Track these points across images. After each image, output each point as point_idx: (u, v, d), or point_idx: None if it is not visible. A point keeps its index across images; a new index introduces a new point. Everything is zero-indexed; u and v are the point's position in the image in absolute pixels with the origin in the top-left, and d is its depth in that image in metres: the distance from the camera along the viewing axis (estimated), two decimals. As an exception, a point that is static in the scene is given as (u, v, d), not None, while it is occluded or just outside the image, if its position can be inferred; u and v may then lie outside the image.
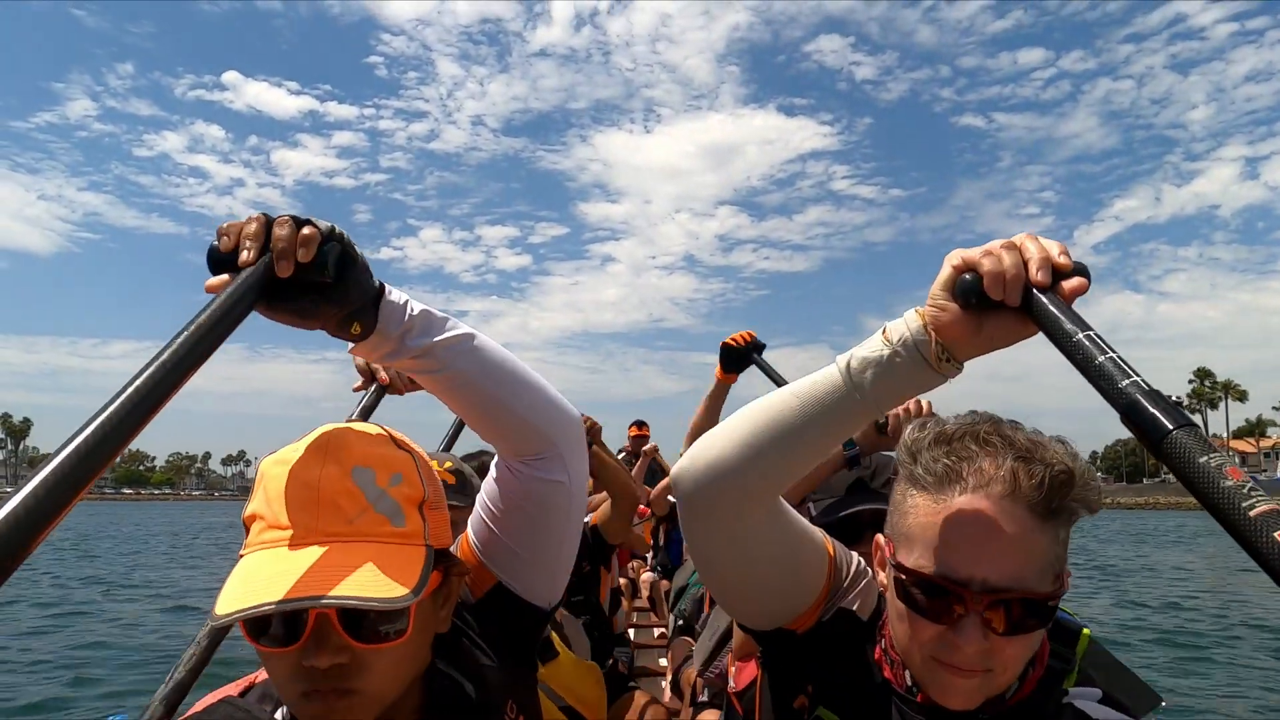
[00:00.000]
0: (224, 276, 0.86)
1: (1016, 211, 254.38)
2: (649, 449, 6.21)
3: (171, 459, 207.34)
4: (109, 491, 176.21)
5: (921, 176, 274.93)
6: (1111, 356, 0.80)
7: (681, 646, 4.07)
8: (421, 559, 0.96)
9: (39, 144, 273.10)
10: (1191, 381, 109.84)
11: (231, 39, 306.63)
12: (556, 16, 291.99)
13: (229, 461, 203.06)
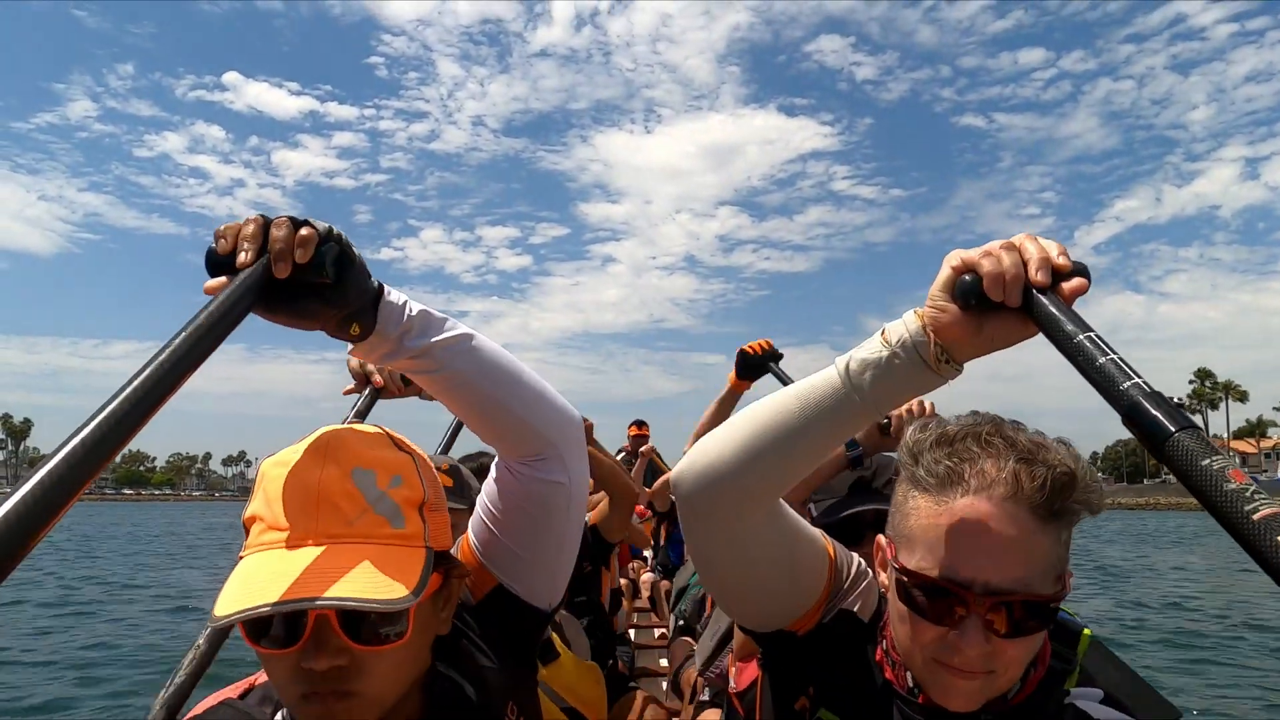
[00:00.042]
0: (222, 279, 0.86)
1: (1017, 212, 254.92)
2: (646, 449, 6.20)
3: (172, 459, 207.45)
4: (109, 492, 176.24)
5: (922, 177, 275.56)
6: (1113, 358, 0.79)
7: (682, 647, 4.06)
8: (421, 561, 0.96)
9: (39, 144, 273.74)
10: (1192, 382, 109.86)
11: (232, 39, 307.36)
12: (557, 17, 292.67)
13: (229, 462, 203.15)
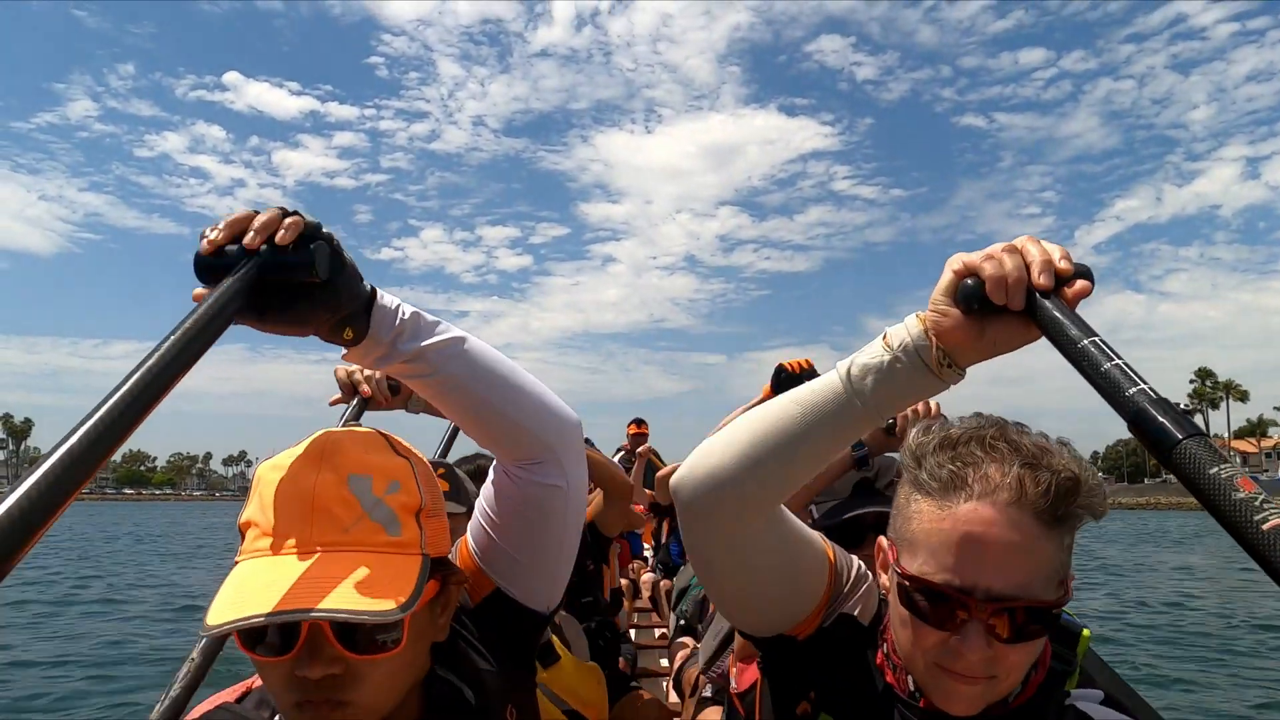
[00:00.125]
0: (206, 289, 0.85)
1: (1017, 211, 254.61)
2: (644, 449, 6.17)
3: (172, 459, 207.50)
4: (110, 492, 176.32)
5: (922, 176, 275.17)
6: (1118, 364, 0.78)
7: (683, 647, 4.06)
8: (417, 568, 0.95)
9: (40, 144, 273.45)
10: (1193, 381, 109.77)
11: (232, 39, 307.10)
12: (557, 17, 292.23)
13: (230, 462, 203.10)
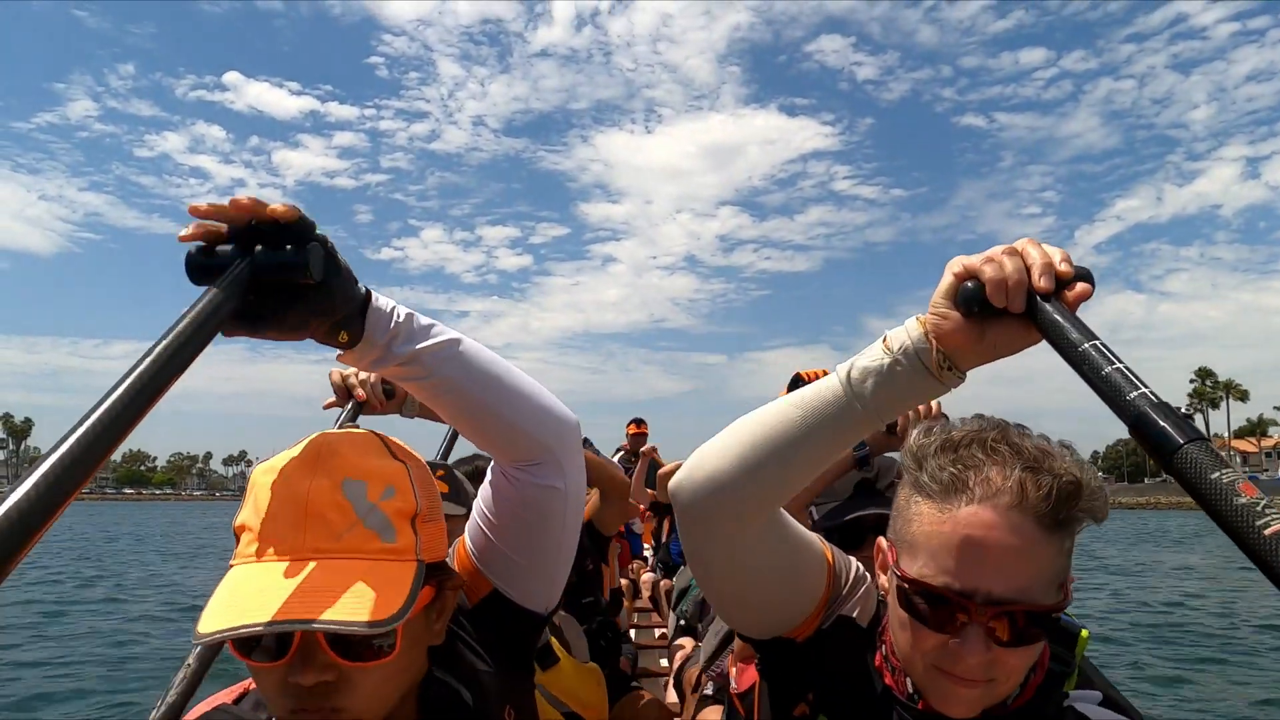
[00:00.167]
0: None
1: (1018, 211, 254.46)
2: (648, 450, 6.15)
3: (173, 459, 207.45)
4: (110, 492, 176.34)
5: (923, 176, 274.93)
6: (1119, 367, 0.78)
7: (681, 648, 4.06)
8: (411, 576, 0.94)
9: (40, 144, 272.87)
10: (1193, 381, 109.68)
11: (232, 39, 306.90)
12: (557, 17, 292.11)
13: (230, 462, 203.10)
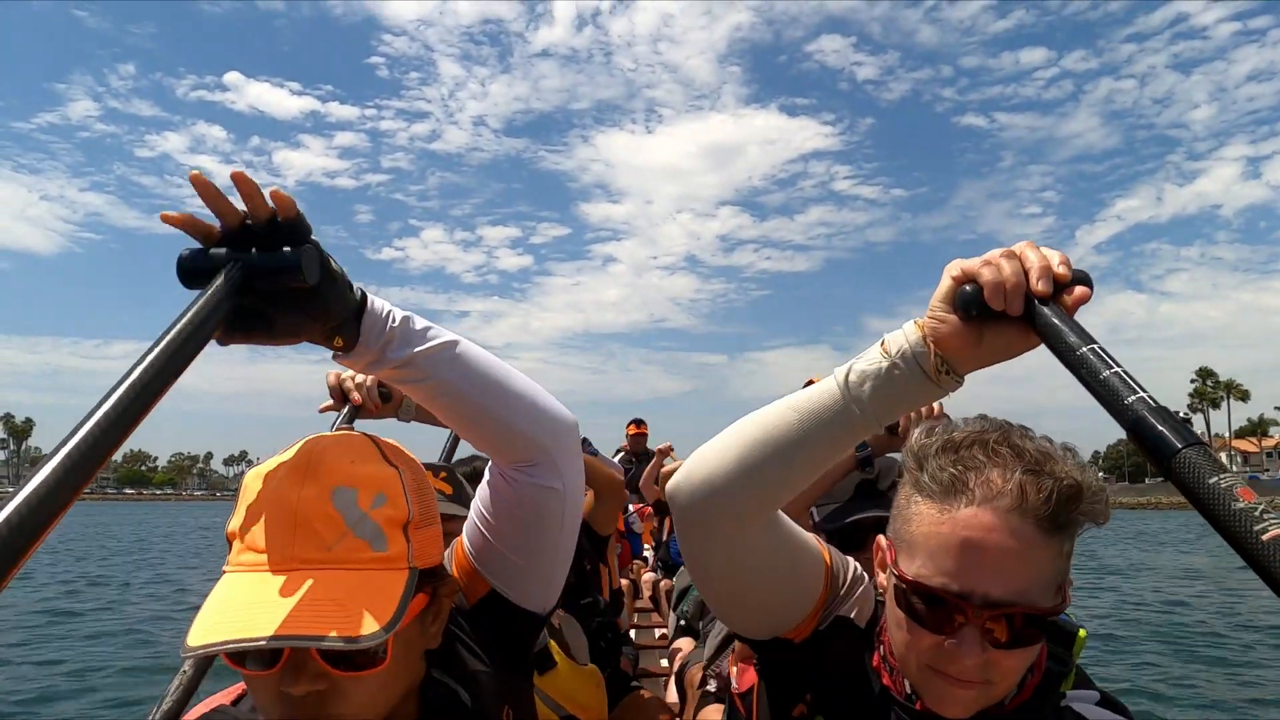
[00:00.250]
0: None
1: (1018, 211, 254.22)
2: (664, 447, 6.08)
3: (173, 459, 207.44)
4: (111, 492, 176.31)
5: (923, 176, 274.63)
6: (1117, 371, 0.78)
7: (683, 648, 4.06)
8: (402, 585, 0.93)
9: (41, 144, 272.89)
10: (1194, 381, 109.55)
11: (233, 39, 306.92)
12: (558, 17, 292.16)
13: (231, 462, 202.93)
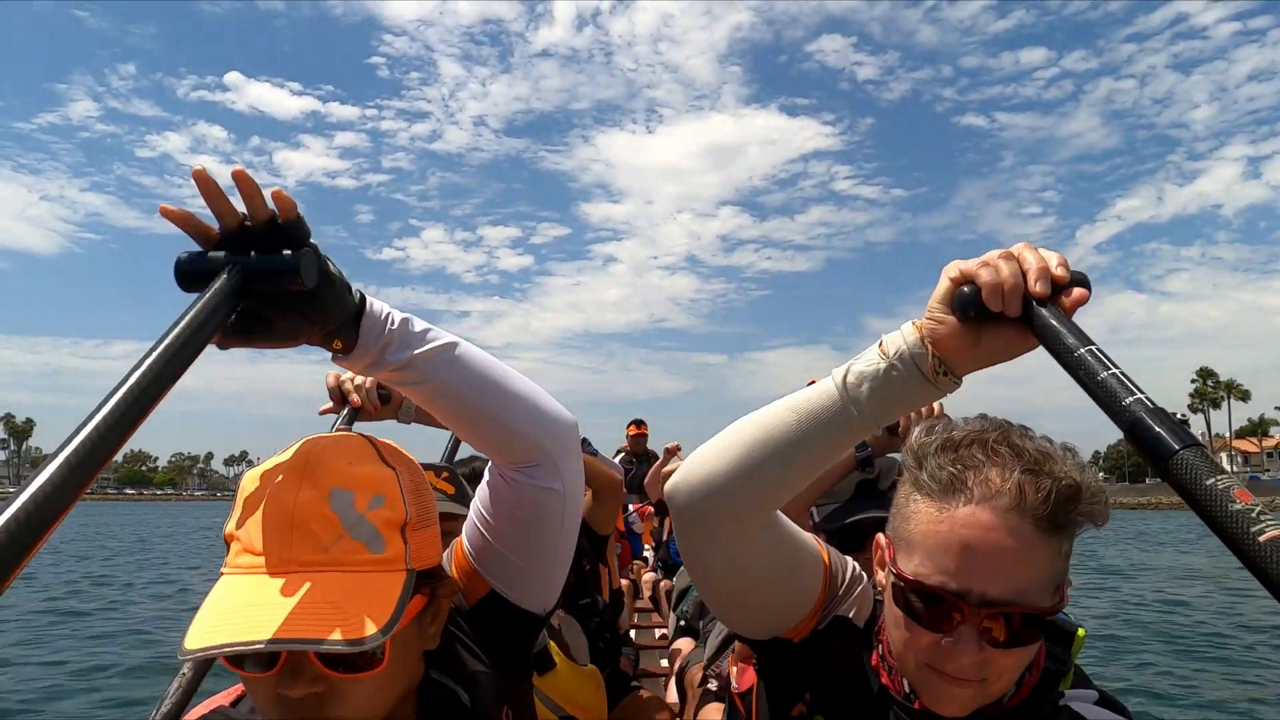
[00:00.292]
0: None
1: (1018, 211, 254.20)
2: (672, 446, 6.10)
3: (174, 459, 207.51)
4: (111, 492, 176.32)
5: (923, 176, 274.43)
6: (1115, 373, 0.78)
7: (683, 648, 4.06)
8: (399, 587, 0.94)
9: (41, 145, 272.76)
10: (1194, 381, 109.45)
11: (233, 40, 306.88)
12: (558, 17, 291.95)
13: (231, 462, 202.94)
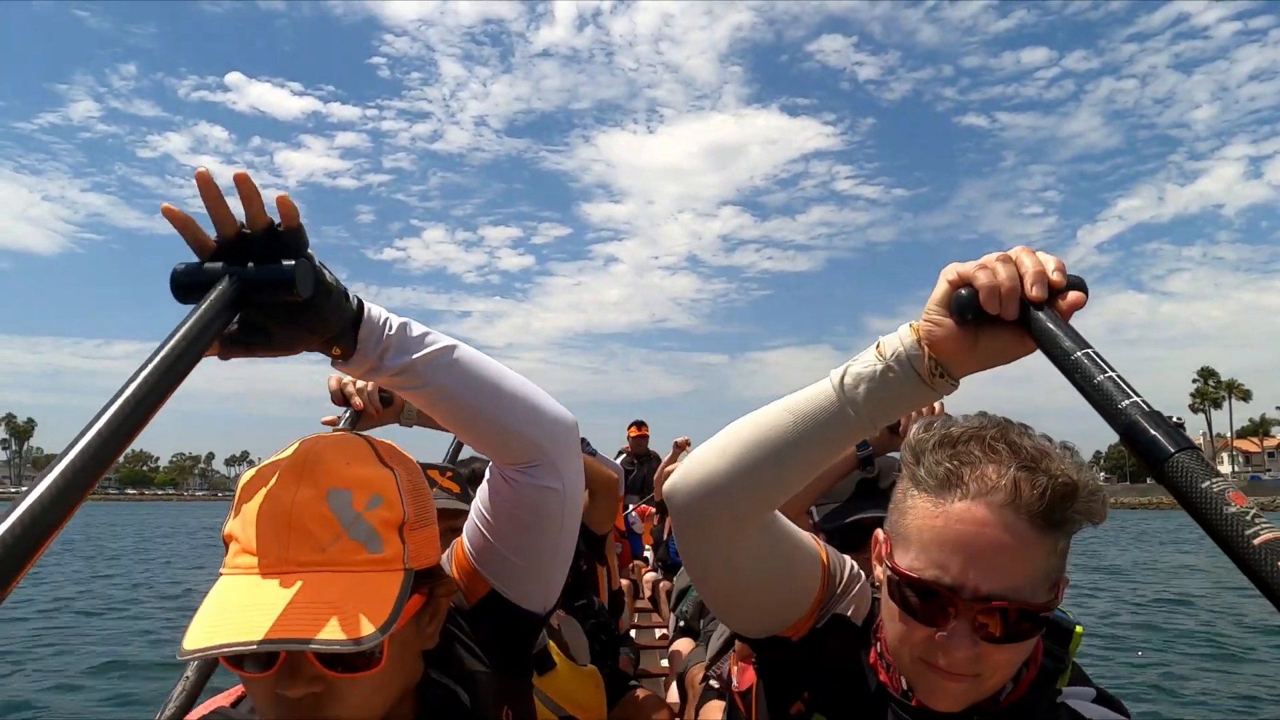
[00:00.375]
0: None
1: (1019, 211, 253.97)
2: (681, 441, 6.11)
3: (175, 459, 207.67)
4: (113, 492, 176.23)
5: (924, 176, 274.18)
6: (1111, 376, 0.79)
7: (683, 648, 4.06)
8: (397, 587, 0.94)
9: (42, 145, 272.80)
10: (1195, 381, 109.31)
11: (234, 40, 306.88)
12: (559, 16, 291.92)
13: (232, 462, 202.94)
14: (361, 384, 1.85)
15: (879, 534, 1.09)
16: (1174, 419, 0.76)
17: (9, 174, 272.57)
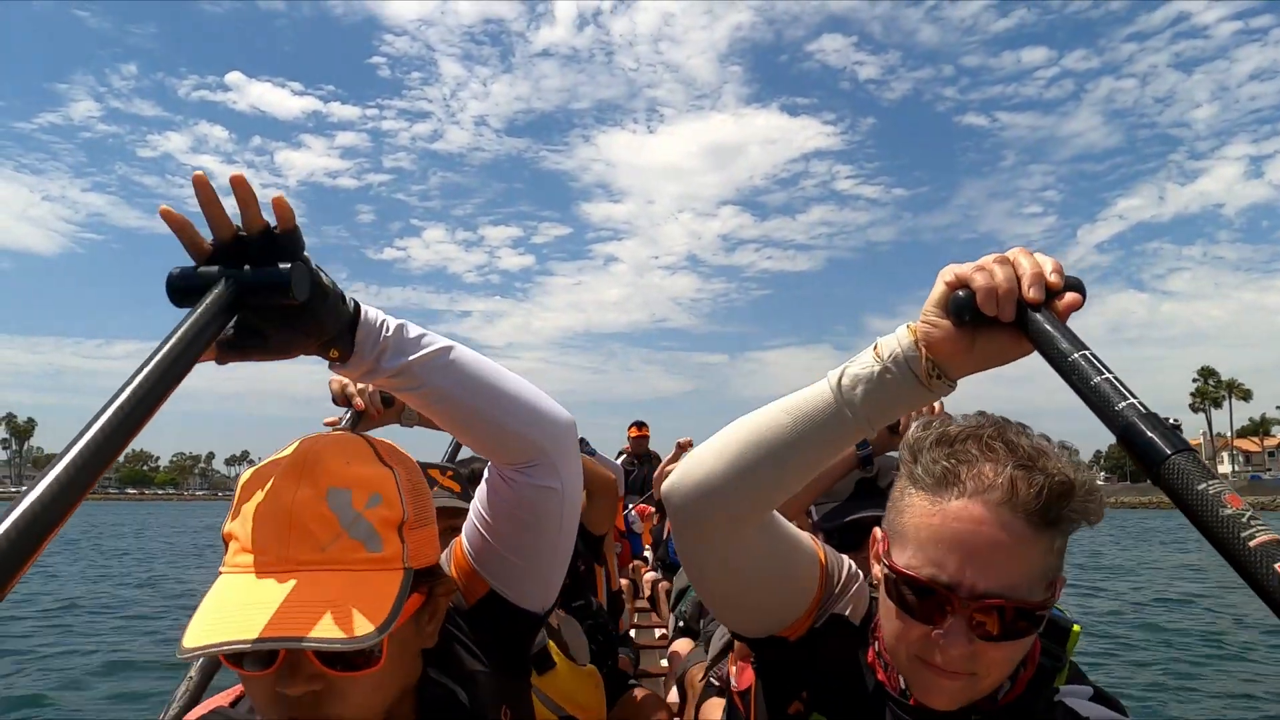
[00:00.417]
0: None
1: (1019, 210, 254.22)
2: (684, 441, 6.11)
3: (175, 459, 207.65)
4: (113, 491, 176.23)
5: (924, 176, 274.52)
6: (1108, 377, 0.79)
7: (682, 648, 4.06)
8: (397, 586, 0.94)
9: (43, 145, 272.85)
10: (1195, 380, 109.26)
11: (234, 40, 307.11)
12: (559, 16, 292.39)
13: (232, 461, 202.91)
14: (361, 385, 1.85)
15: (877, 532, 1.09)
16: (1171, 421, 0.76)
17: (9, 174, 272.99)
